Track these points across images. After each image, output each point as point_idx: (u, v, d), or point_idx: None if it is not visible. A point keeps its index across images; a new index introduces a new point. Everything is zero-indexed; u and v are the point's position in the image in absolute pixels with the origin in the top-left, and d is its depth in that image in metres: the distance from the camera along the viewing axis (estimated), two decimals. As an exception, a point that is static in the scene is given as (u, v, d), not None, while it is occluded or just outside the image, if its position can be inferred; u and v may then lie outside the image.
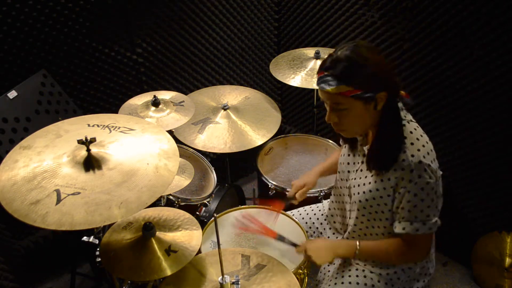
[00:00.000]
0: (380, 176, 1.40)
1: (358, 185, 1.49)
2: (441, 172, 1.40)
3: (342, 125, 1.40)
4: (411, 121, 1.41)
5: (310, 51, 2.43)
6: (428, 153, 1.35)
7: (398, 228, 1.42)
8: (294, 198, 1.82)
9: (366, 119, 1.37)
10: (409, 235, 1.40)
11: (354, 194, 1.51)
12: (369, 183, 1.44)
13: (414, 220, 1.38)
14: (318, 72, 1.35)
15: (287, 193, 1.92)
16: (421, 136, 1.38)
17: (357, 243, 1.50)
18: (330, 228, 1.80)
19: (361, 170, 1.50)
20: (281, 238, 1.67)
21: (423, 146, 1.36)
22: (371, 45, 1.45)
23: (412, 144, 1.35)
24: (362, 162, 1.50)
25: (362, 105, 1.33)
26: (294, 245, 1.63)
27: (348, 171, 1.57)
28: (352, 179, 1.54)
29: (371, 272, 1.58)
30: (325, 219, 1.86)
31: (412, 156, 1.33)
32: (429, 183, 1.34)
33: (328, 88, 1.31)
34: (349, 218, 1.61)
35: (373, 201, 1.44)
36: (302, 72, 2.31)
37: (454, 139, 2.24)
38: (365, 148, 1.48)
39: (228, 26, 2.74)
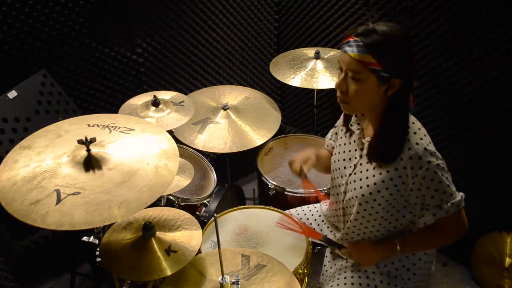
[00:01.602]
0: (385, 167, 1.39)
1: (360, 179, 1.47)
2: None
3: (348, 96, 1.37)
4: (410, 114, 1.42)
5: (310, 51, 2.43)
6: (430, 142, 1.38)
7: (428, 216, 1.41)
8: (301, 173, 1.68)
9: (373, 98, 1.36)
10: (442, 219, 1.40)
11: (352, 189, 1.50)
12: (373, 175, 1.43)
13: (441, 203, 1.38)
14: (347, 37, 1.34)
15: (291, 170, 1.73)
16: (420, 129, 1.40)
17: (395, 240, 1.49)
18: (328, 227, 1.80)
19: (361, 164, 1.49)
20: (326, 240, 1.67)
21: (425, 135, 1.38)
22: (407, 32, 1.44)
23: (415, 133, 1.37)
24: (361, 156, 1.49)
25: (375, 83, 1.31)
26: (340, 246, 1.64)
27: (344, 167, 1.56)
28: (348, 175, 1.53)
29: (373, 272, 1.58)
30: (322, 220, 1.85)
31: (417, 144, 1.34)
32: (439, 164, 1.34)
33: (352, 52, 1.29)
34: (344, 215, 1.61)
35: (377, 194, 1.43)
36: (302, 72, 2.31)
37: (454, 139, 2.24)
38: (365, 141, 1.47)
39: (228, 26, 2.74)
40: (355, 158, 1.52)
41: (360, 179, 1.47)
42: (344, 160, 1.56)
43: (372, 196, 1.44)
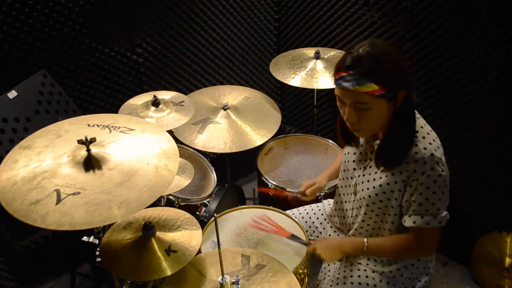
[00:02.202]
0: (391, 170, 1.39)
1: (368, 181, 1.48)
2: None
3: (360, 124, 1.35)
4: (419, 117, 1.42)
5: (310, 51, 2.43)
6: (438, 147, 1.37)
7: (408, 221, 1.41)
8: (304, 194, 1.82)
9: (386, 117, 1.35)
10: (419, 229, 1.40)
11: (361, 190, 1.51)
12: (380, 178, 1.43)
13: (425, 214, 1.37)
14: (338, 72, 1.31)
15: (295, 193, 1.89)
16: (429, 133, 1.39)
17: (365, 240, 1.50)
18: (331, 227, 1.80)
19: (370, 167, 1.49)
20: (293, 238, 1.70)
21: (434, 140, 1.37)
22: (388, 42, 1.43)
23: (423, 138, 1.36)
24: (371, 159, 1.49)
25: (385, 104, 1.30)
26: (305, 244, 1.66)
27: (354, 169, 1.56)
28: (358, 176, 1.53)
29: (373, 271, 1.58)
30: (325, 219, 1.86)
31: (425, 148, 1.33)
32: (441, 175, 1.34)
33: (353, 87, 1.26)
34: (352, 216, 1.61)
35: (383, 196, 1.43)
36: (302, 72, 2.31)
37: (454, 139, 2.24)
38: (375, 144, 1.47)
39: (228, 26, 2.74)
40: (366, 160, 1.52)
41: (368, 181, 1.48)
42: (354, 161, 1.57)
43: (379, 197, 1.44)
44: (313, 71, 2.30)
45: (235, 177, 3.16)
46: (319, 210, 1.91)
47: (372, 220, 1.52)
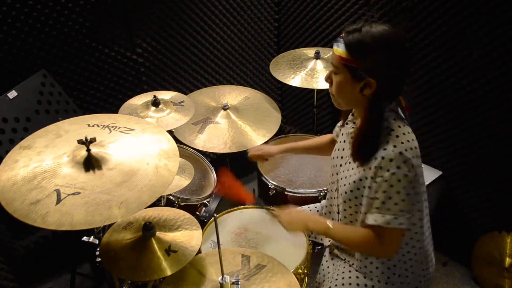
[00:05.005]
0: (363, 166, 1.40)
1: (346, 177, 1.49)
2: (438, 174, 1.39)
3: (332, 89, 1.44)
4: (396, 119, 1.40)
5: (310, 51, 2.43)
6: (411, 149, 1.35)
7: (369, 219, 1.39)
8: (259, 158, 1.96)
9: (350, 94, 1.39)
10: (380, 228, 1.38)
11: (342, 185, 1.51)
12: (354, 174, 1.44)
13: (386, 213, 1.35)
14: (342, 33, 1.40)
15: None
16: (405, 134, 1.37)
17: (330, 222, 1.51)
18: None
19: (350, 163, 1.50)
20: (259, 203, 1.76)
21: (408, 141, 1.35)
22: (404, 38, 1.45)
23: (397, 136, 1.35)
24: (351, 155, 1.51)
25: (350, 79, 1.36)
26: (271, 211, 1.71)
27: (340, 165, 1.57)
28: (342, 171, 1.55)
29: (371, 271, 1.58)
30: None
31: (394, 146, 1.33)
32: (407, 175, 1.32)
33: (336, 48, 1.36)
34: (338, 212, 1.62)
35: (357, 192, 1.43)
36: (302, 72, 2.31)
37: (454, 139, 2.24)
38: None
39: (228, 26, 2.74)
40: (347, 156, 1.53)
41: (346, 177, 1.49)
42: (342, 157, 1.57)
43: (353, 193, 1.45)
44: (313, 71, 2.30)
45: (235, 177, 3.15)
46: (317, 211, 1.91)
47: (353, 217, 1.52)
